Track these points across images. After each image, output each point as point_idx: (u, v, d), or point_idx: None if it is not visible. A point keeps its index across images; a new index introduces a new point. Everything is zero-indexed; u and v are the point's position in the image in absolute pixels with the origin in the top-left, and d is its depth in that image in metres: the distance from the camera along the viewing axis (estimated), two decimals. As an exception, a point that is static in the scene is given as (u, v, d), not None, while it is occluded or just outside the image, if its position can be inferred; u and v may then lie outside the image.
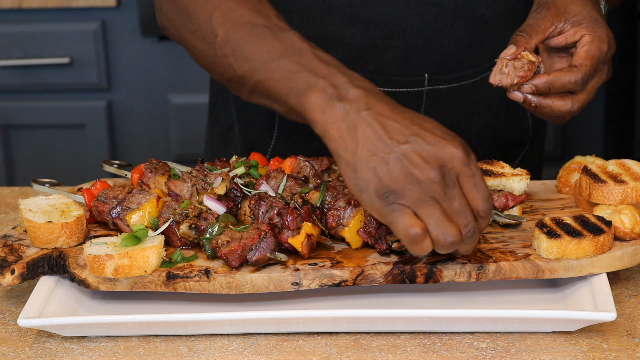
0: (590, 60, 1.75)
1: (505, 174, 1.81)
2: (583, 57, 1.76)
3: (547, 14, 1.79)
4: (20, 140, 3.74)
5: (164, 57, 3.66)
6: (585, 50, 1.76)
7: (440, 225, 1.52)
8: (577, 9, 1.79)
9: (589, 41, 1.77)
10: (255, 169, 1.85)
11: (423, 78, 2.07)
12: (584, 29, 1.78)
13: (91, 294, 1.72)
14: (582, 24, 1.78)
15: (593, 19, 1.79)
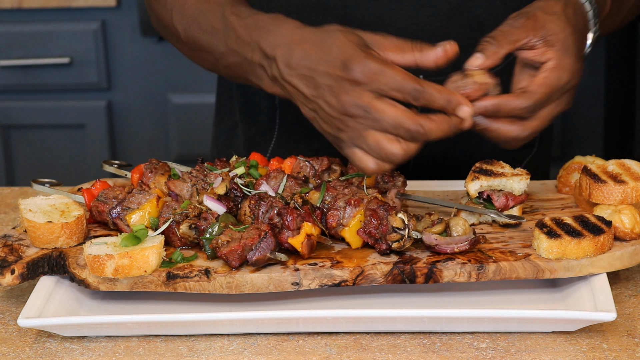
0: (544, 88, 1.70)
1: (505, 173, 1.81)
2: (539, 83, 1.70)
3: (525, 24, 1.73)
4: (20, 140, 3.74)
5: (164, 57, 3.66)
6: (543, 77, 1.71)
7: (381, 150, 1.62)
8: (555, 29, 1.73)
9: (551, 68, 1.71)
10: (255, 169, 1.85)
11: None
12: (552, 53, 1.72)
13: (91, 294, 1.72)
14: (553, 47, 1.73)
15: (565, 45, 1.73)
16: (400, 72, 1.63)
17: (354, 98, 1.63)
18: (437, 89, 1.64)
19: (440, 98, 1.63)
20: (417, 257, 1.67)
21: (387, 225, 1.67)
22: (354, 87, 1.63)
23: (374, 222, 1.68)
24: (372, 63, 1.62)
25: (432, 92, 1.63)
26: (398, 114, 1.62)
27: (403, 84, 1.62)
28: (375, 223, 1.68)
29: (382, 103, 1.63)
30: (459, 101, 1.65)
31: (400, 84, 1.62)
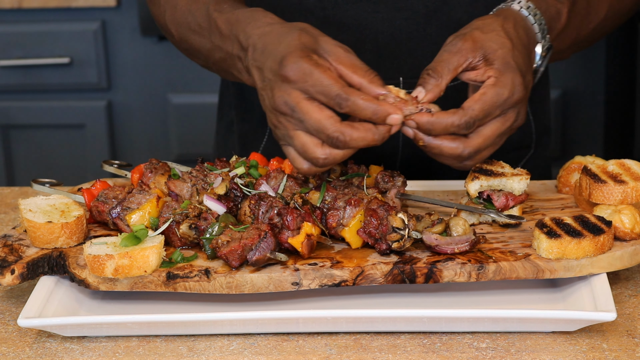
0: (480, 104, 1.66)
1: (505, 173, 1.81)
2: (475, 100, 1.67)
3: (463, 47, 1.70)
4: (20, 140, 3.74)
5: (164, 57, 3.66)
6: (480, 93, 1.68)
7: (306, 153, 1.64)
8: (494, 47, 1.70)
9: (490, 84, 1.68)
10: (255, 169, 1.85)
11: (398, 81, 2.08)
12: (492, 71, 1.69)
13: (91, 294, 1.72)
14: (492, 65, 1.70)
15: (505, 61, 1.70)
16: (328, 77, 1.62)
17: (283, 95, 1.64)
18: (364, 99, 1.62)
19: (366, 109, 1.62)
20: (417, 257, 1.67)
21: (387, 225, 1.67)
22: (285, 84, 1.64)
23: (374, 222, 1.68)
24: (304, 63, 1.63)
25: (358, 102, 1.61)
26: (320, 118, 1.62)
27: (328, 88, 1.62)
28: (375, 223, 1.68)
29: (308, 104, 1.63)
30: (387, 112, 1.63)
31: (326, 88, 1.62)
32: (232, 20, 1.81)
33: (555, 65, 3.57)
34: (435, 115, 1.65)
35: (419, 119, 1.65)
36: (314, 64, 1.63)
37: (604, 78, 3.68)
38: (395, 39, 2.05)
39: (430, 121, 1.65)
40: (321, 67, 1.63)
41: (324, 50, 1.67)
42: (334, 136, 1.61)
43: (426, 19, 2.04)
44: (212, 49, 1.87)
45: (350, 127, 1.62)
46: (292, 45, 1.66)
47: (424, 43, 2.05)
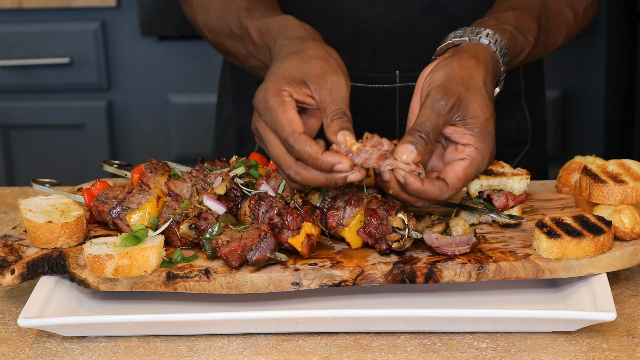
0: (463, 182, 1.66)
1: (506, 173, 1.81)
2: (459, 177, 1.66)
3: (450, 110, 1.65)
4: (20, 140, 3.74)
5: (164, 57, 3.66)
6: (463, 168, 1.66)
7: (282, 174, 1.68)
8: (477, 111, 1.67)
9: (472, 157, 1.66)
10: (255, 169, 1.85)
11: (394, 75, 2.09)
12: (473, 139, 1.67)
13: (91, 294, 1.72)
14: (473, 131, 1.67)
15: (486, 131, 1.67)
16: (283, 118, 1.64)
17: (255, 122, 1.69)
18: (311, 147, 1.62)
19: (310, 159, 1.62)
20: (417, 257, 1.67)
21: (387, 225, 1.67)
22: (255, 112, 1.69)
23: (374, 222, 1.68)
24: (268, 98, 1.66)
25: (304, 149, 1.62)
26: (278, 154, 1.66)
27: (279, 130, 1.64)
28: (375, 223, 1.68)
29: (271, 136, 1.66)
30: (331, 162, 1.62)
31: (277, 128, 1.64)
32: (263, 29, 1.83)
33: (555, 65, 3.57)
34: (424, 184, 1.63)
35: (411, 182, 1.62)
36: (279, 101, 1.65)
37: (604, 78, 3.68)
38: (391, 33, 2.07)
39: (418, 189, 1.63)
40: (284, 105, 1.65)
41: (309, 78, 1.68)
42: (287, 173, 1.65)
43: (422, 13, 2.05)
44: (247, 56, 1.90)
45: (304, 168, 1.64)
46: (273, 75, 1.68)
47: (420, 37, 2.07)
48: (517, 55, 1.84)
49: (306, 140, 1.62)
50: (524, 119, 2.24)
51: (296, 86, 1.67)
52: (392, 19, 2.06)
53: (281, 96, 1.66)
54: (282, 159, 1.65)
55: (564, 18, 1.95)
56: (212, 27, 1.98)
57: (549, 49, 1.95)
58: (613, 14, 3.62)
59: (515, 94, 2.22)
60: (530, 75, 2.24)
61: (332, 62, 1.70)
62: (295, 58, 1.70)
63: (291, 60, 1.69)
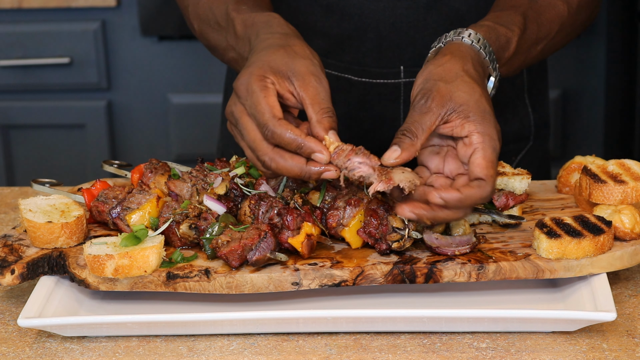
0: (492, 166, 1.63)
1: (507, 173, 1.81)
2: (484, 166, 1.62)
3: (432, 105, 1.65)
4: (20, 140, 3.74)
5: (164, 57, 3.66)
6: (481, 156, 1.63)
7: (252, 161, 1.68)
8: (463, 97, 1.66)
9: (481, 142, 1.64)
10: (256, 169, 1.85)
11: (399, 70, 2.10)
12: (472, 124, 1.65)
13: (91, 294, 1.72)
14: (469, 117, 1.65)
15: (481, 111, 1.66)
16: (264, 103, 1.64)
17: (232, 105, 1.68)
18: (292, 132, 1.62)
19: (291, 143, 1.62)
20: (417, 257, 1.67)
21: (387, 225, 1.67)
22: (234, 96, 1.68)
23: (374, 222, 1.68)
24: (251, 82, 1.65)
25: (284, 134, 1.62)
26: (255, 139, 1.65)
27: (259, 115, 1.64)
28: (375, 223, 1.68)
29: (248, 120, 1.66)
30: (312, 148, 1.62)
31: (257, 113, 1.64)
32: (248, 22, 1.83)
33: (556, 65, 3.57)
34: (463, 191, 1.60)
35: (448, 196, 1.60)
36: (261, 86, 1.65)
37: (604, 78, 3.68)
38: (396, 28, 2.08)
39: (460, 198, 1.60)
40: (266, 90, 1.65)
41: (293, 73, 1.68)
42: (262, 159, 1.64)
43: (427, 9, 2.06)
44: (226, 48, 1.90)
45: (280, 155, 1.63)
46: (258, 61, 1.68)
47: (424, 32, 2.07)
48: (505, 45, 1.82)
49: (287, 125, 1.62)
50: (527, 115, 2.24)
51: (280, 78, 1.67)
52: (397, 15, 2.07)
53: (264, 82, 1.66)
54: (259, 144, 1.64)
55: (557, 10, 1.95)
56: (200, 17, 1.99)
57: (544, 40, 1.93)
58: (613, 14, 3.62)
59: (518, 90, 2.22)
60: (533, 72, 2.25)
61: (317, 64, 1.70)
62: (282, 52, 1.70)
63: (278, 53, 1.70)
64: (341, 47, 2.11)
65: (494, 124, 1.67)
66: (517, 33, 1.84)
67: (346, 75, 2.13)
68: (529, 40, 1.89)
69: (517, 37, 1.84)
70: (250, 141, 1.65)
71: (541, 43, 1.93)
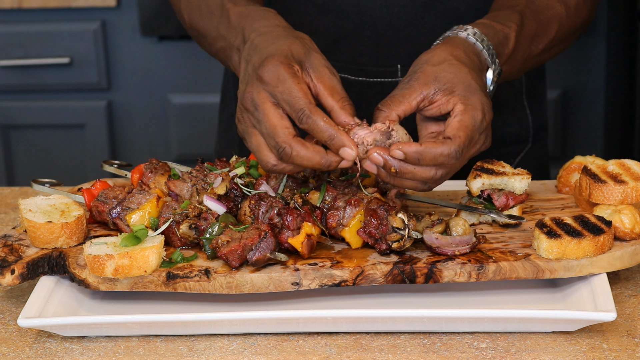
0: (464, 130, 1.63)
1: (507, 173, 1.81)
2: (457, 127, 1.63)
3: (415, 83, 1.68)
4: (20, 140, 3.74)
5: (164, 57, 3.66)
6: (458, 120, 1.64)
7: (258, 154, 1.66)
8: (448, 76, 1.67)
9: (462, 110, 1.65)
10: (255, 169, 1.85)
11: (396, 69, 2.10)
12: (456, 97, 1.66)
13: (91, 294, 1.72)
14: (454, 92, 1.66)
15: (466, 85, 1.67)
16: (299, 89, 1.62)
17: (253, 92, 1.65)
18: (325, 122, 1.61)
19: (324, 131, 1.61)
20: (417, 257, 1.67)
21: (387, 225, 1.67)
22: (258, 82, 1.65)
23: (374, 222, 1.68)
24: (281, 69, 1.64)
25: (319, 122, 1.61)
26: (276, 125, 1.62)
27: (295, 99, 1.62)
28: (375, 223, 1.68)
29: (271, 108, 1.64)
30: (343, 142, 1.61)
31: (293, 99, 1.62)
32: (244, 13, 1.83)
33: (555, 65, 3.57)
34: (424, 145, 1.61)
35: (407, 149, 1.61)
36: (291, 73, 1.64)
37: (604, 78, 3.68)
38: (393, 27, 2.08)
39: (418, 151, 1.61)
40: (297, 78, 1.64)
41: (310, 65, 1.68)
42: (282, 146, 1.62)
43: (424, 7, 2.06)
44: (216, 37, 1.89)
45: (301, 144, 1.62)
46: (280, 50, 1.67)
47: (422, 31, 2.07)
48: (503, 41, 1.82)
49: (322, 114, 1.62)
50: (525, 117, 2.24)
51: (300, 68, 1.67)
52: (394, 13, 2.07)
53: (293, 69, 1.65)
54: (281, 130, 1.62)
55: (555, 11, 1.96)
56: (192, 6, 1.98)
57: (544, 39, 1.93)
58: (613, 14, 3.62)
59: (516, 92, 2.23)
60: (531, 74, 2.25)
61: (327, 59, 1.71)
62: (299, 43, 1.69)
63: (295, 43, 1.69)
64: (337, 46, 2.11)
65: (480, 96, 1.67)
66: (514, 29, 1.85)
67: (343, 75, 2.13)
68: (528, 36, 1.89)
69: (515, 32, 1.85)
70: (271, 127, 1.62)
71: (542, 42, 1.93)
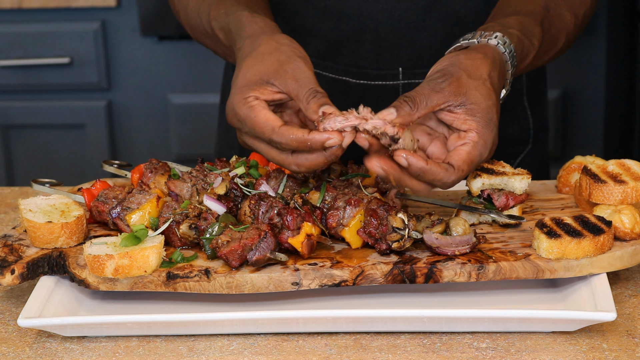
0: (468, 165, 1.66)
1: (507, 172, 1.81)
2: (463, 159, 1.66)
3: (447, 89, 1.67)
4: (20, 140, 3.74)
5: (164, 57, 3.66)
6: (467, 152, 1.66)
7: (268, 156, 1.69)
8: (478, 98, 1.68)
9: (474, 142, 1.67)
10: (255, 169, 1.85)
11: (397, 72, 2.10)
12: (475, 124, 1.67)
13: (91, 294, 1.72)
14: (475, 117, 1.67)
15: (488, 118, 1.68)
16: (258, 122, 1.65)
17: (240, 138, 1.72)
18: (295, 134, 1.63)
19: (300, 144, 1.63)
20: (417, 257, 1.67)
21: (387, 225, 1.67)
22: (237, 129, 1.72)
23: (374, 222, 1.68)
24: (239, 110, 1.68)
25: (290, 139, 1.63)
26: (273, 157, 1.67)
27: (260, 133, 1.66)
28: (375, 223, 1.68)
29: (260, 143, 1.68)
30: (320, 141, 1.62)
31: (258, 134, 1.66)
32: (226, 30, 1.86)
33: (555, 65, 3.57)
34: (429, 165, 1.63)
35: (414, 162, 1.62)
36: (248, 108, 1.67)
37: (604, 78, 3.68)
38: (394, 30, 2.08)
39: (422, 168, 1.62)
40: (254, 109, 1.67)
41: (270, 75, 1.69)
42: (293, 169, 1.67)
43: (425, 10, 2.06)
44: (224, 55, 1.94)
45: (302, 158, 1.65)
46: (237, 87, 1.70)
47: (423, 34, 2.07)
48: (524, 59, 1.85)
49: (288, 130, 1.63)
50: (526, 118, 2.24)
51: (260, 88, 1.69)
52: (396, 16, 2.07)
53: (247, 103, 1.68)
54: (279, 158, 1.66)
55: (564, 22, 1.97)
56: (191, 24, 2.01)
57: (549, 53, 1.95)
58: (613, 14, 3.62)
59: (517, 93, 2.23)
60: (532, 75, 2.25)
61: (286, 51, 1.71)
62: (250, 61, 1.71)
63: (247, 65, 1.71)
64: (339, 49, 2.11)
65: (495, 134, 1.69)
66: (536, 47, 1.87)
67: (344, 78, 2.12)
68: (541, 52, 1.91)
69: (536, 50, 1.87)
70: (272, 159, 1.68)
71: (549, 54, 1.96)
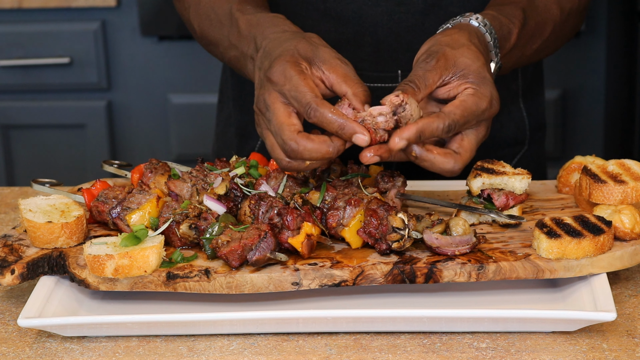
0: (461, 110, 1.67)
1: (507, 172, 1.81)
2: (455, 105, 1.67)
3: (436, 65, 1.70)
4: (20, 140, 3.74)
5: (164, 57, 3.66)
6: (460, 100, 1.68)
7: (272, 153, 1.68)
8: (467, 62, 1.71)
9: (469, 94, 1.69)
10: (255, 169, 1.85)
11: (396, 74, 2.11)
12: (469, 83, 1.70)
13: (91, 294, 1.72)
14: (467, 78, 1.70)
15: (481, 76, 1.70)
16: (305, 85, 1.65)
17: (264, 94, 1.68)
18: (333, 113, 1.63)
19: (333, 122, 1.62)
20: (417, 257, 1.67)
21: (387, 225, 1.67)
22: (268, 84, 1.68)
23: (374, 222, 1.68)
24: (288, 67, 1.66)
25: (326, 114, 1.63)
26: (283, 122, 1.65)
27: (301, 95, 1.64)
28: (375, 223, 1.68)
29: (281, 107, 1.66)
30: (354, 129, 1.62)
31: (299, 94, 1.64)
32: (253, 22, 1.86)
33: (555, 65, 3.57)
34: (420, 122, 1.63)
35: (407, 132, 1.63)
36: (298, 71, 1.66)
37: (603, 78, 3.68)
38: (394, 33, 2.08)
39: (418, 129, 1.63)
40: (303, 74, 1.67)
41: (320, 59, 1.70)
42: (288, 143, 1.64)
43: (424, 13, 2.06)
44: (228, 47, 1.92)
45: (307, 138, 1.64)
46: (286, 50, 1.70)
47: (422, 37, 2.07)
48: (507, 35, 1.86)
49: (329, 106, 1.64)
50: (522, 119, 2.24)
51: (309, 65, 1.70)
52: (395, 19, 2.07)
53: (300, 67, 1.68)
54: (287, 127, 1.64)
55: (551, 14, 1.99)
56: (201, 16, 2.01)
57: (536, 40, 1.96)
58: (613, 14, 3.63)
59: (513, 95, 2.23)
60: (529, 77, 2.25)
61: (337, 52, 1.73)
62: (305, 41, 1.72)
63: (301, 43, 1.72)
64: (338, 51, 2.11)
65: (492, 88, 1.70)
66: (517, 25, 1.88)
67: None
68: (527, 35, 1.92)
69: (518, 29, 1.88)
70: (278, 125, 1.65)
71: (537, 42, 1.96)
